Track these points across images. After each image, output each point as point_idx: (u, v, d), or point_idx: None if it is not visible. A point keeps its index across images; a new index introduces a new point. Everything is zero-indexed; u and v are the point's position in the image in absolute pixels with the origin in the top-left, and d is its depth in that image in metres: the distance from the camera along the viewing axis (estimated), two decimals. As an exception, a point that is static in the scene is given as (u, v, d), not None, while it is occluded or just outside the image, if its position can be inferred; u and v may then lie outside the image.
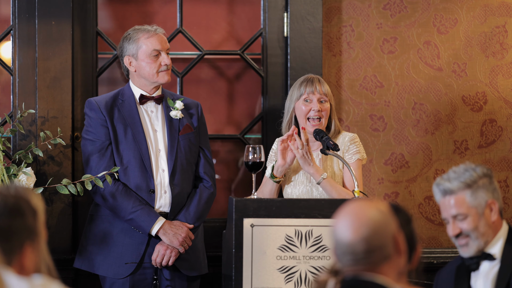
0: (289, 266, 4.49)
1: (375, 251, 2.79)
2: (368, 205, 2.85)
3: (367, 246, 2.79)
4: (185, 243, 4.82)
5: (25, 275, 2.65)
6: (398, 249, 2.82)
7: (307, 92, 4.84)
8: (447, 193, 3.57)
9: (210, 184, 4.98)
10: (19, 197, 2.68)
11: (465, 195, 3.56)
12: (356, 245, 2.81)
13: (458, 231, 3.57)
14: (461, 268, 3.70)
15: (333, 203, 4.54)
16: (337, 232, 2.84)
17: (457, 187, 3.56)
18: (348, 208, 2.86)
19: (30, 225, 2.67)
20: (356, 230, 2.81)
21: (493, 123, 5.66)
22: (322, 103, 4.84)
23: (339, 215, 2.87)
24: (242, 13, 5.71)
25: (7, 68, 5.39)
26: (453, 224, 3.58)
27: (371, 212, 2.82)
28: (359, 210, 2.84)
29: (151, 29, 4.90)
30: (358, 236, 2.80)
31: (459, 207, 3.56)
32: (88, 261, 4.89)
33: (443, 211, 3.60)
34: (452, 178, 3.58)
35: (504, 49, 5.65)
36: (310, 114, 4.82)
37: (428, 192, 5.63)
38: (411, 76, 5.62)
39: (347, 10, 5.60)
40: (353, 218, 2.83)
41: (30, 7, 5.31)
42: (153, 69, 4.86)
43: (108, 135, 4.86)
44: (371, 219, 2.81)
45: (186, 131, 4.94)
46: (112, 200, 4.79)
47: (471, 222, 3.56)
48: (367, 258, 2.80)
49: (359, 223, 2.82)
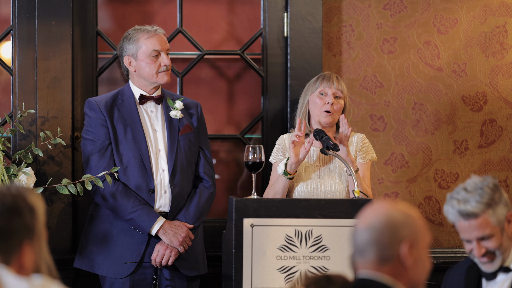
0: (289, 266, 4.49)
1: (375, 247, 2.77)
2: (394, 205, 2.80)
3: (370, 237, 2.76)
4: (185, 243, 4.82)
5: (24, 274, 2.64)
6: (402, 257, 2.77)
7: (323, 85, 4.87)
8: (470, 217, 3.47)
9: (210, 184, 4.98)
10: (17, 196, 2.68)
11: (488, 216, 3.47)
12: (361, 233, 2.78)
13: (484, 251, 3.51)
14: (471, 270, 3.67)
15: (333, 203, 4.55)
16: (356, 222, 2.83)
17: (480, 209, 3.46)
18: (377, 203, 2.84)
19: (28, 224, 2.66)
20: (367, 219, 2.79)
21: (493, 123, 5.66)
22: (337, 98, 4.86)
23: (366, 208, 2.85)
24: (242, 13, 5.71)
25: (7, 68, 5.39)
26: (478, 245, 3.50)
27: (391, 210, 2.78)
28: (382, 206, 2.81)
29: (151, 30, 4.89)
30: (365, 224, 2.78)
31: (484, 229, 3.48)
32: (88, 261, 4.89)
33: (464, 233, 3.51)
34: (471, 200, 3.48)
35: (504, 49, 5.65)
36: (325, 107, 4.83)
37: (428, 192, 5.63)
38: (411, 76, 5.62)
39: (347, 10, 5.60)
40: (372, 209, 2.81)
41: (30, 7, 5.31)
42: (153, 70, 4.86)
43: (108, 135, 4.86)
44: (385, 214, 2.78)
45: (186, 131, 4.94)
46: (112, 200, 4.79)
47: (496, 240, 3.50)
48: (366, 251, 2.77)
49: (373, 214, 2.79)
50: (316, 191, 4.82)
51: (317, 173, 4.85)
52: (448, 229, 5.64)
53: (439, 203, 5.63)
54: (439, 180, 5.64)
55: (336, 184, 4.82)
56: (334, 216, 4.50)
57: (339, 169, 4.84)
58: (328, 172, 4.85)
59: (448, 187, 5.64)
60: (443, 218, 5.63)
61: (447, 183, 5.64)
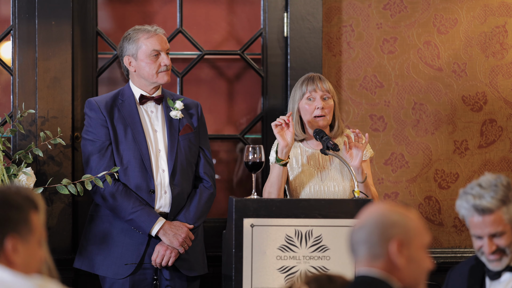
0: (289, 266, 4.49)
1: (366, 244, 2.78)
2: (392, 206, 2.81)
3: (361, 235, 2.78)
4: (185, 244, 4.82)
5: (16, 271, 2.61)
6: (391, 256, 2.77)
7: (309, 90, 4.84)
8: (485, 212, 3.48)
9: (210, 184, 4.98)
10: (7, 190, 2.65)
11: (502, 212, 3.48)
12: (355, 232, 2.81)
13: (495, 248, 3.52)
14: (474, 270, 3.66)
15: (333, 203, 4.55)
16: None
17: (495, 205, 3.47)
18: (375, 204, 2.85)
19: (14, 217, 2.62)
20: (362, 218, 2.81)
21: (493, 123, 5.66)
22: (326, 100, 4.85)
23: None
24: (242, 13, 5.71)
25: (7, 68, 5.39)
26: (489, 241, 3.51)
27: (385, 210, 2.79)
28: (378, 205, 2.82)
29: (151, 29, 4.89)
30: (359, 223, 2.81)
31: (498, 225, 3.49)
32: (88, 261, 4.89)
33: (476, 229, 3.52)
34: (486, 195, 3.49)
35: (504, 49, 5.65)
36: (315, 112, 4.82)
37: (428, 192, 5.63)
38: (411, 76, 5.62)
39: (347, 10, 5.60)
40: (367, 210, 2.83)
41: (30, 7, 5.31)
42: (153, 70, 4.86)
43: (108, 135, 4.86)
44: (379, 213, 2.79)
45: (186, 131, 4.93)
46: (112, 201, 4.79)
47: (508, 238, 3.51)
48: (358, 249, 2.79)
49: (367, 214, 2.81)
50: (320, 194, 4.81)
51: (318, 176, 4.84)
52: (448, 229, 5.64)
53: (439, 203, 5.63)
54: (439, 180, 5.64)
55: (339, 185, 4.81)
56: (334, 216, 4.50)
57: (341, 168, 4.83)
58: (329, 173, 4.85)
59: (448, 187, 5.64)
60: (443, 218, 5.63)
61: (447, 183, 5.64)
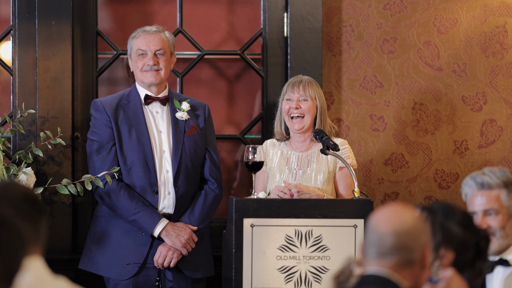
0: (289, 266, 4.49)
1: (401, 251, 2.79)
2: (410, 209, 2.86)
3: (395, 241, 2.78)
4: (187, 245, 4.81)
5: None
6: (423, 260, 2.82)
7: (288, 91, 4.92)
8: (484, 187, 3.64)
9: (215, 186, 4.96)
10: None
11: (501, 193, 3.64)
12: (386, 237, 2.80)
13: (486, 226, 3.62)
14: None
15: (333, 203, 4.55)
16: (373, 223, 2.84)
17: (496, 183, 3.64)
18: (391, 206, 2.86)
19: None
20: (392, 223, 2.81)
21: (493, 123, 5.66)
22: (303, 101, 4.89)
23: (380, 210, 2.86)
24: (242, 13, 5.71)
25: (7, 68, 5.39)
26: (482, 218, 3.63)
27: (411, 215, 2.84)
28: (401, 209, 2.84)
29: (147, 29, 4.93)
30: (391, 228, 2.80)
31: (494, 202, 3.63)
32: (92, 262, 4.90)
33: (473, 204, 3.66)
34: (492, 175, 3.66)
35: (504, 49, 5.65)
36: (290, 112, 4.89)
37: (428, 192, 5.63)
38: (411, 76, 5.62)
39: (347, 10, 5.60)
40: (392, 213, 2.84)
41: (30, 7, 5.32)
42: (137, 69, 4.91)
43: (112, 136, 4.86)
44: (409, 219, 2.82)
45: (191, 133, 4.93)
46: (115, 201, 4.79)
47: (501, 220, 3.63)
48: (391, 254, 2.79)
49: (396, 218, 2.82)
50: None
51: (293, 176, 4.86)
52: (448, 229, 5.63)
53: (439, 203, 5.63)
54: (439, 180, 5.64)
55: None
56: (334, 216, 4.50)
57: (316, 174, 4.84)
58: (303, 175, 4.85)
59: (448, 187, 5.64)
60: (443, 218, 5.63)
61: (447, 183, 5.64)
